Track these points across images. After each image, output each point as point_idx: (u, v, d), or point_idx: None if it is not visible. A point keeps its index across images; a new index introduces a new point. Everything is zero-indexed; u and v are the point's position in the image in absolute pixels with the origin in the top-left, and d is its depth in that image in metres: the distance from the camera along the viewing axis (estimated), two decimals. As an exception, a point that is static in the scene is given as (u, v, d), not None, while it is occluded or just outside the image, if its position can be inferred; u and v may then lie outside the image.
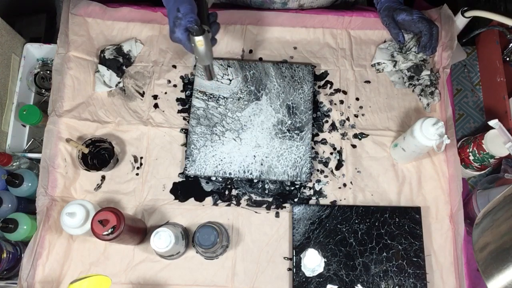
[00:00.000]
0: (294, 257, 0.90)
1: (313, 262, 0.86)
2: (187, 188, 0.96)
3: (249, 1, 1.06)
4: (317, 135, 1.00)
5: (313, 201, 0.96)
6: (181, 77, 1.04)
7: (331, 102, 1.02)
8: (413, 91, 1.03)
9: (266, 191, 0.96)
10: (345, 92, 1.03)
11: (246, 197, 0.96)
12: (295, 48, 1.06)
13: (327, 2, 1.07)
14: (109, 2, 1.05)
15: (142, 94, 1.02)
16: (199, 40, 0.80)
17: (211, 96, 1.00)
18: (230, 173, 0.95)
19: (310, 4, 1.06)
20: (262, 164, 0.95)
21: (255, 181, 0.96)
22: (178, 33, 0.81)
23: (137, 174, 0.97)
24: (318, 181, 0.97)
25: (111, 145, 0.95)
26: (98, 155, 0.98)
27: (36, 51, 1.12)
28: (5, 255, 0.91)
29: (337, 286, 0.89)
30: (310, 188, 0.96)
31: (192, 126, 0.98)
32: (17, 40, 1.09)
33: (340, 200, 0.96)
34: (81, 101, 1.01)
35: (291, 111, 0.99)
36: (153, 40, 1.06)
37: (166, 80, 1.03)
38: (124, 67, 1.04)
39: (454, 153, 0.94)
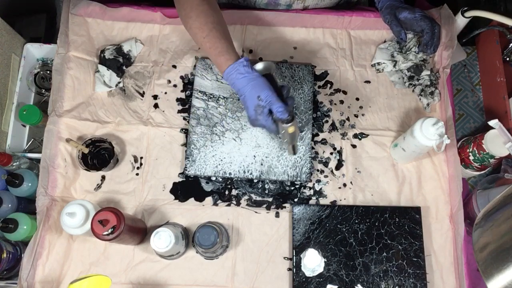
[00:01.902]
0: (294, 257, 0.90)
1: (313, 262, 0.86)
2: (187, 188, 0.96)
3: (253, 3, 1.06)
4: (317, 135, 1.00)
5: (313, 201, 0.96)
6: (181, 77, 1.04)
7: (331, 102, 1.02)
8: (413, 91, 1.03)
9: (266, 191, 0.96)
10: (345, 92, 1.03)
11: (246, 197, 0.96)
12: (295, 48, 1.06)
13: (332, 3, 1.07)
14: (109, 2, 1.05)
15: (142, 94, 1.02)
16: (291, 127, 0.80)
17: (211, 96, 1.00)
18: (230, 173, 0.95)
19: (314, 5, 1.06)
20: (262, 164, 0.95)
21: (255, 181, 0.96)
22: (263, 120, 0.80)
23: (137, 174, 0.97)
24: (318, 181, 0.97)
25: (111, 145, 0.95)
26: (98, 155, 0.98)
27: (36, 51, 1.12)
28: (5, 255, 0.91)
29: (337, 286, 0.89)
30: (310, 188, 0.96)
31: (192, 126, 0.98)
32: (17, 40, 1.09)
33: (340, 200, 0.96)
34: (81, 101, 1.01)
35: (291, 111, 0.99)
36: (153, 40, 1.06)
37: (166, 80, 1.03)
38: (124, 67, 1.04)
39: (454, 153, 0.94)
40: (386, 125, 1.01)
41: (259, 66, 0.83)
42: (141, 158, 0.98)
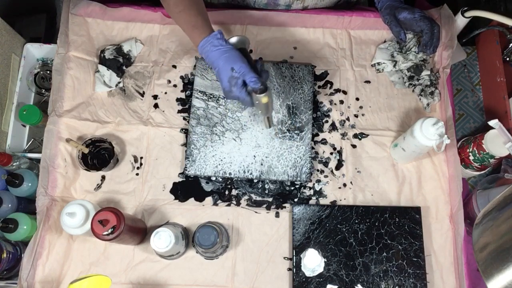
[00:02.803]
0: (294, 257, 0.90)
1: (313, 262, 0.86)
2: (187, 188, 0.96)
3: (253, 3, 1.06)
4: (317, 135, 1.00)
5: (313, 201, 0.96)
6: (181, 77, 1.04)
7: (331, 102, 1.02)
8: (413, 91, 1.03)
9: (266, 191, 0.96)
10: (345, 92, 1.03)
11: (246, 197, 0.96)
12: (295, 48, 1.06)
13: (331, 3, 1.07)
14: (109, 2, 1.05)
15: (142, 94, 1.02)
16: (264, 97, 0.80)
17: (211, 96, 1.00)
18: (230, 173, 0.95)
19: (314, 5, 1.06)
20: (262, 164, 0.95)
21: (255, 181, 0.96)
22: (236, 91, 0.80)
23: (137, 174, 0.97)
24: (318, 181, 0.97)
25: (111, 145, 0.95)
26: (98, 155, 0.98)
27: (36, 51, 1.12)
28: (5, 255, 0.91)
29: (337, 286, 0.89)
30: (310, 188, 0.96)
31: (192, 126, 0.98)
32: (17, 40, 1.09)
33: (340, 200, 0.96)
34: (81, 101, 1.01)
35: (291, 111, 0.99)
36: (153, 40, 1.06)
37: (166, 80, 1.03)
38: (124, 67, 1.04)
39: (454, 153, 0.94)
40: (386, 125, 1.01)
41: (233, 39, 0.85)
42: (141, 158, 0.98)
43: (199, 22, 0.84)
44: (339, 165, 0.98)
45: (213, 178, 0.96)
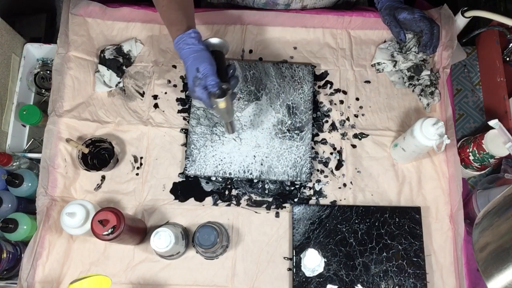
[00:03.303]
0: (294, 257, 0.90)
1: (313, 262, 0.86)
2: (187, 188, 0.96)
3: (252, 2, 1.06)
4: (317, 135, 1.00)
5: (313, 201, 0.96)
6: (181, 77, 1.04)
7: (331, 102, 1.02)
8: (413, 91, 1.03)
9: (266, 191, 0.96)
10: (345, 92, 1.03)
11: (246, 197, 0.96)
12: (295, 48, 1.06)
13: (330, 2, 1.07)
14: (109, 2, 1.05)
15: (142, 94, 1.02)
16: (222, 102, 0.79)
17: (211, 96, 1.00)
18: (230, 173, 0.95)
19: (313, 5, 1.06)
20: (262, 164, 0.95)
21: (255, 181, 0.96)
22: (199, 92, 0.80)
23: (137, 174, 0.97)
24: (318, 181, 0.97)
25: (111, 145, 0.95)
26: (98, 155, 0.98)
27: (36, 51, 1.12)
28: (5, 255, 0.91)
29: (337, 286, 0.89)
30: (310, 188, 0.96)
31: (192, 126, 0.98)
32: (17, 40, 1.09)
33: (340, 200, 0.96)
34: (81, 101, 1.01)
35: (291, 111, 0.99)
36: (153, 40, 1.06)
37: (166, 80, 1.03)
38: (124, 67, 1.04)
39: (454, 153, 0.94)
40: (386, 125, 1.01)
41: (211, 40, 0.85)
42: (141, 158, 0.98)
43: (179, 18, 0.84)
44: (339, 165, 0.98)
45: (213, 178, 0.96)
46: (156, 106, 1.01)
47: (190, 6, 0.88)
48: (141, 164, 0.98)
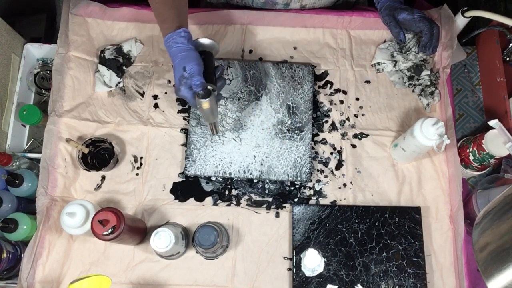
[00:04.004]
0: (294, 257, 0.90)
1: (313, 262, 0.86)
2: (187, 188, 0.96)
3: (251, 2, 1.06)
4: (317, 135, 1.00)
5: (313, 201, 0.96)
6: (181, 77, 1.04)
7: (331, 102, 1.02)
8: (413, 91, 1.03)
9: (266, 191, 0.96)
10: (345, 92, 1.03)
11: (246, 197, 0.96)
12: (295, 48, 1.06)
13: (329, 2, 1.07)
14: (109, 2, 1.05)
15: (142, 94, 1.02)
16: (205, 103, 0.80)
17: (211, 96, 1.00)
18: (230, 173, 0.95)
19: (312, 5, 1.06)
20: (262, 164, 0.95)
21: (255, 181, 0.96)
22: (184, 91, 0.81)
23: (137, 174, 0.97)
24: (318, 181, 0.97)
25: (111, 145, 0.95)
26: (98, 155, 0.98)
27: (36, 51, 1.12)
28: (5, 255, 0.91)
29: (337, 286, 0.89)
30: (310, 188, 0.96)
31: (192, 126, 0.98)
32: (17, 40, 1.09)
33: (340, 200, 0.96)
34: (81, 101, 1.01)
35: (291, 111, 0.99)
36: (153, 40, 1.06)
37: (166, 80, 1.03)
38: (124, 67, 1.04)
39: (454, 153, 0.94)
40: (386, 125, 1.01)
41: (202, 41, 0.85)
42: (141, 158, 0.98)
43: (171, 16, 0.84)
44: (339, 165, 0.98)
45: (213, 178, 0.96)
46: (156, 106, 1.01)
47: (184, 5, 0.88)
48: (141, 164, 0.98)
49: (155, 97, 1.02)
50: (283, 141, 0.97)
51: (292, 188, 0.96)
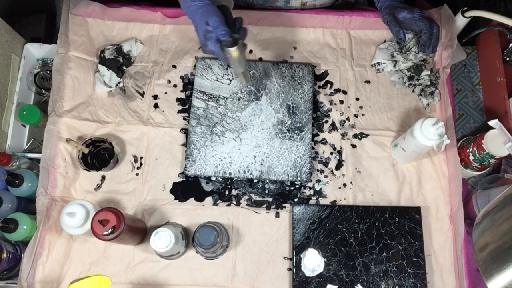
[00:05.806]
0: (294, 257, 0.90)
1: (313, 262, 0.86)
2: (187, 188, 0.96)
3: (252, 0, 1.06)
4: (317, 135, 1.00)
5: (313, 201, 0.96)
6: (181, 77, 1.04)
7: (331, 102, 1.02)
8: (413, 91, 1.03)
9: (266, 191, 0.96)
10: (345, 92, 1.03)
11: (246, 197, 0.96)
12: (295, 48, 1.06)
13: (329, 1, 1.07)
14: (109, 2, 1.05)
15: (142, 94, 1.02)
16: (234, 51, 0.81)
17: (211, 96, 1.00)
18: (230, 173, 0.95)
19: (312, 2, 1.06)
20: (262, 164, 0.95)
21: (255, 181, 0.96)
22: (211, 45, 0.81)
23: (137, 174, 0.97)
24: (318, 181, 0.97)
25: (111, 145, 0.95)
26: (98, 155, 0.98)
27: (36, 51, 1.12)
28: (5, 255, 0.91)
29: (337, 286, 0.89)
30: (310, 188, 0.96)
31: (192, 126, 0.98)
32: (17, 40, 1.09)
33: (340, 200, 0.96)
34: (81, 101, 1.01)
35: (291, 111, 0.99)
36: (153, 40, 1.06)
37: (166, 80, 1.03)
38: (124, 67, 1.04)
39: (454, 153, 0.94)
40: (386, 125, 1.01)
41: None
42: (141, 158, 0.98)
43: None
44: (339, 165, 0.98)
45: (213, 178, 0.96)
46: (156, 106, 1.01)
47: None
48: (141, 164, 0.98)
49: (155, 97, 1.02)
50: (283, 141, 0.97)
51: (292, 188, 0.96)
